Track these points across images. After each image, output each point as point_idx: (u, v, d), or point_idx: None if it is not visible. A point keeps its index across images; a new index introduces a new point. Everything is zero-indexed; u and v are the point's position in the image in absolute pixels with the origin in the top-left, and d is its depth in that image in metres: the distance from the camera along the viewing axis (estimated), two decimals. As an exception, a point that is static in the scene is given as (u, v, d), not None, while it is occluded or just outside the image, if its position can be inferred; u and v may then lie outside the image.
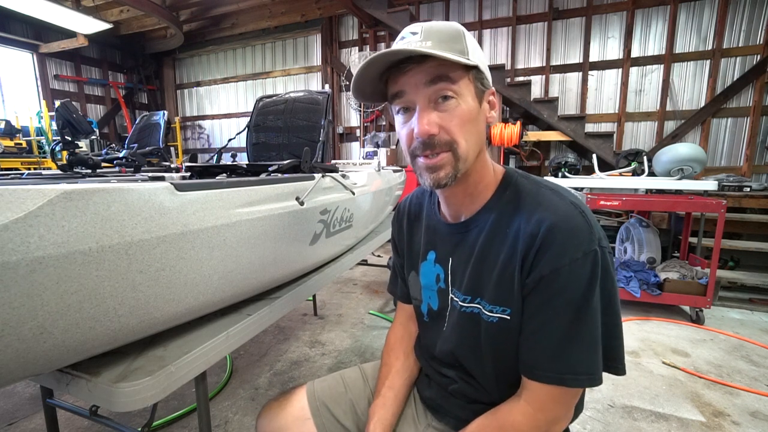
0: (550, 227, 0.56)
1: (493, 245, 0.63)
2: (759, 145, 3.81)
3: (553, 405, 0.59)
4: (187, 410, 1.59)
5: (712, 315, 2.60)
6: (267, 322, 1.02)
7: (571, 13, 4.36)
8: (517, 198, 0.63)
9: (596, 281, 0.56)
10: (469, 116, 0.58)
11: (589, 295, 0.55)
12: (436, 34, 0.57)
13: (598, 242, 0.56)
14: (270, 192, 0.98)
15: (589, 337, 0.56)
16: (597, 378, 0.57)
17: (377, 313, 2.61)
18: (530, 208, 0.60)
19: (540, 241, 0.56)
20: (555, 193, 0.61)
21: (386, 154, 4.75)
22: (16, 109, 5.11)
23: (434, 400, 0.77)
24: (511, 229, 0.61)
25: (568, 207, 0.58)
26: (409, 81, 0.58)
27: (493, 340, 0.64)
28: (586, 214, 0.58)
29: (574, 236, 0.56)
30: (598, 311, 0.57)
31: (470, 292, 0.67)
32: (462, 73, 0.57)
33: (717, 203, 2.33)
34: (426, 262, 0.76)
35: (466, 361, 0.69)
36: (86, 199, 0.57)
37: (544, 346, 0.58)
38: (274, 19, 5.49)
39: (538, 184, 0.64)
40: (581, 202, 0.60)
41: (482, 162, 0.65)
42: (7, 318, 0.50)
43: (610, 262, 0.58)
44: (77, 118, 1.41)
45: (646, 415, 1.59)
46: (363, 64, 0.59)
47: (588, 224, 0.57)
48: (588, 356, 0.56)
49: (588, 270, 0.55)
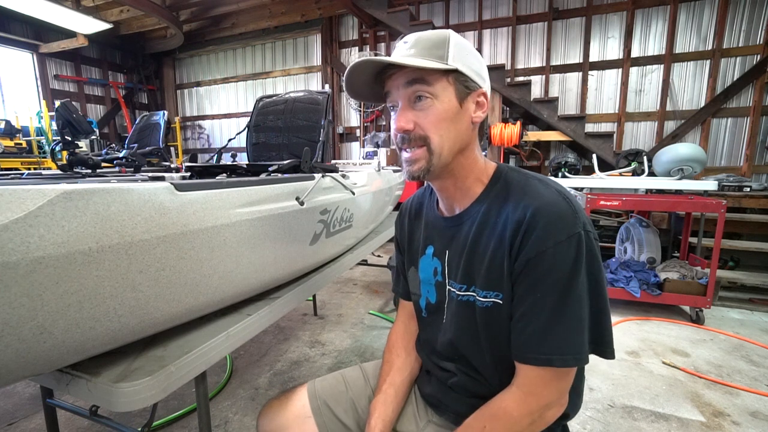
0: (535, 212, 0.59)
1: (484, 234, 0.66)
2: (759, 145, 3.81)
3: (543, 388, 0.60)
4: (187, 410, 1.59)
5: (712, 315, 2.60)
6: (267, 322, 1.02)
7: (571, 13, 4.36)
8: (506, 189, 0.67)
9: (581, 263, 0.58)
10: (445, 115, 0.63)
11: (573, 276, 0.58)
12: (421, 43, 0.64)
13: (583, 226, 0.59)
14: (270, 192, 0.98)
15: (575, 318, 0.58)
16: (583, 358, 0.59)
17: (377, 313, 2.61)
18: (517, 198, 0.64)
19: (526, 225, 0.59)
20: (541, 182, 0.65)
21: (386, 154, 4.74)
22: (16, 109, 5.11)
23: (434, 395, 0.78)
24: (500, 218, 0.64)
25: (553, 193, 0.61)
26: (393, 83, 0.66)
27: (488, 326, 0.66)
28: (570, 200, 0.61)
29: (558, 220, 0.58)
30: (585, 293, 0.59)
31: (465, 281, 0.69)
32: (439, 76, 0.63)
33: (717, 203, 2.33)
34: (425, 257, 0.78)
35: (466, 350, 0.71)
36: (86, 199, 0.57)
37: (532, 329, 0.60)
38: (274, 19, 5.49)
39: (527, 176, 0.67)
40: (567, 191, 0.63)
41: (468, 157, 0.68)
42: (7, 318, 0.50)
43: (596, 246, 0.61)
44: (77, 118, 1.41)
45: (646, 415, 1.59)
46: (348, 69, 0.66)
47: (572, 209, 0.59)
48: (574, 336, 0.58)
49: (573, 252, 0.57)
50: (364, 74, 0.67)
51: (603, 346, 0.62)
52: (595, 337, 0.61)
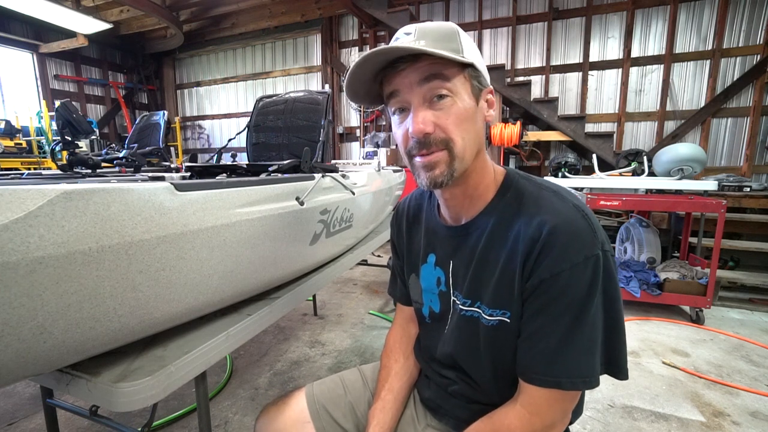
0: (552, 230, 0.55)
1: (493, 249, 0.62)
2: (759, 145, 3.81)
3: (548, 408, 0.58)
4: (187, 410, 1.59)
5: (712, 315, 2.60)
6: (267, 322, 1.02)
7: (571, 13, 4.36)
8: (518, 200, 0.62)
9: (597, 286, 0.55)
10: (466, 114, 0.57)
11: (588, 299, 0.55)
12: (429, 33, 0.57)
13: (601, 246, 0.55)
14: (270, 192, 0.98)
15: (587, 341, 0.56)
16: (593, 381, 0.56)
17: (377, 313, 2.61)
18: (531, 211, 0.59)
19: (541, 244, 0.55)
20: (557, 195, 0.60)
21: (386, 154, 4.74)
22: (16, 109, 5.11)
23: (434, 400, 0.77)
24: (511, 232, 0.60)
25: (570, 210, 0.57)
26: (403, 80, 0.57)
27: (493, 344, 0.64)
28: (588, 216, 0.57)
29: (575, 240, 0.55)
30: (599, 316, 0.56)
31: (470, 296, 0.66)
32: (457, 71, 0.57)
33: (717, 203, 2.33)
34: (426, 265, 0.75)
35: (465, 364, 0.69)
36: (86, 199, 0.57)
37: (541, 349, 0.57)
38: (274, 19, 5.49)
39: (540, 186, 0.63)
40: (584, 205, 0.59)
41: (482, 162, 0.63)
42: (7, 318, 0.50)
43: (613, 264, 0.57)
44: (77, 118, 1.41)
45: (646, 415, 1.59)
46: (356, 62, 0.57)
47: (590, 228, 0.56)
48: (585, 359, 0.56)
49: (589, 274, 0.54)
50: (366, 71, 0.59)
51: (616, 366, 0.59)
52: (608, 357, 0.58)
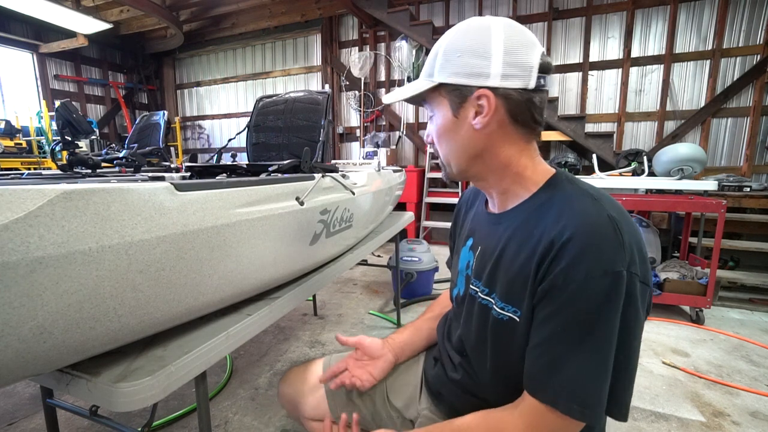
0: (573, 234, 0.52)
1: (516, 243, 0.62)
2: (759, 145, 3.81)
3: (545, 428, 0.55)
4: (187, 410, 1.59)
5: (712, 315, 2.60)
6: (267, 322, 1.02)
7: (571, 13, 4.36)
8: (550, 200, 0.60)
9: (612, 307, 0.50)
10: (445, 128, 0.66)
11: (600, 319, 0.51)
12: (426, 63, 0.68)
13: (627, 265, 0.50)
14: (270, 192, 0.98)
15: (594, 365, 0.52)
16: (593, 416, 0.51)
17: (377, 313, 2.61)
18: (560, 210, 0.57)
19: (559, 246, 0.53)
20: (595, 202, 0.56)
21: (386, 154, 4.74)
22: (16, 109, 5.11)
23: (435, 384, 0.82)
24: (537, 229, 0.59)
25: (602, 218, 0.53)
26: None
27: (498, 339, 0.64)
28: (621, 231, 0.52)
29: (596, 250, 0.51)
30: (612, 342, 0.52)
31: (488, 284, 0.67)
32: (431, 92, 0.66)
33: (717, 203, 2.33)
34: (464, 248, 0.79)
35: (471, 353, 0.71)
36: (86, 199, 0.57)
37: (544, 360, 0.55)
38: (274, 19, 5.49)
39: (582, 190, 0.60)
40: (623, 217, 0.54)
41: (492, 162, 0.65)
42: (7, 318, 0.50)
43: (638, 291, 0.52)
44: (77, 118, 1.41)
45: (646, 415, 1.59)
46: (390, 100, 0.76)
47: (619, 242, 0.51)
48: (589, 384, 0.52)
49: (603, 291, 0.50)
50: None
51: (615, 405, 0.54)
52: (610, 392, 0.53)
